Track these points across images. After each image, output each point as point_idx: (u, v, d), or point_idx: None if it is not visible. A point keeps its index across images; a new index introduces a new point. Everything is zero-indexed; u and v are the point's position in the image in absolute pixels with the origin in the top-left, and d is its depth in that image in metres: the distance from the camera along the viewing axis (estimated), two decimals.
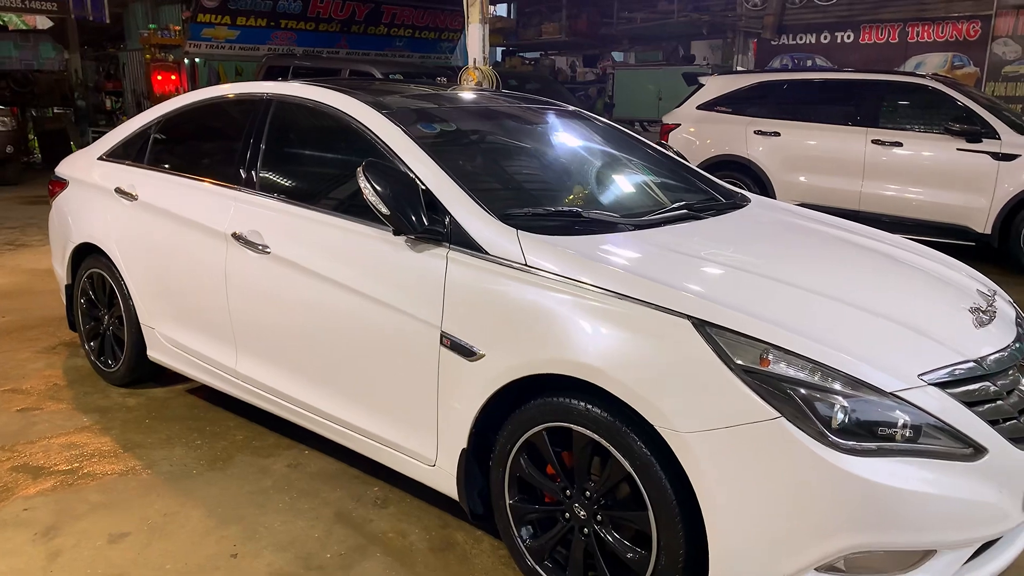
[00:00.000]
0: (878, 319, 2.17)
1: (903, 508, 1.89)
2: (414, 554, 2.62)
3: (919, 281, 2.59)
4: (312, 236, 2.88)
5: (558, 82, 12.50)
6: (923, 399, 1.96)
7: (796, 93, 8.07)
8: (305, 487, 3.03)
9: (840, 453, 1.87)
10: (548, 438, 2.27)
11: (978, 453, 1.98)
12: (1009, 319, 2.45)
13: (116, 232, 3.73)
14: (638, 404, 2.04)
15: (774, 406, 1.90)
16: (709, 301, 2.09)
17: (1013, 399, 2.16)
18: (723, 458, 1.95)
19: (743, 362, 1.96)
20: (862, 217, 7.42)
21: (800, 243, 2.83)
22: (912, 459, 1.92)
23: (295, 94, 3.20)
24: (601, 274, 2.22)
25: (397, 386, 2.62)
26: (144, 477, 3.10)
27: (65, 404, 3.78)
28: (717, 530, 1.97)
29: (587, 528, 2.24)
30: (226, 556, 2.59)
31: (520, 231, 2.41)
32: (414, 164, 2.66)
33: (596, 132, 3.55)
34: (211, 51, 12.91)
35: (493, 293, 2.38)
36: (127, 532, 2.72)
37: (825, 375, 1.94)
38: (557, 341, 2.21)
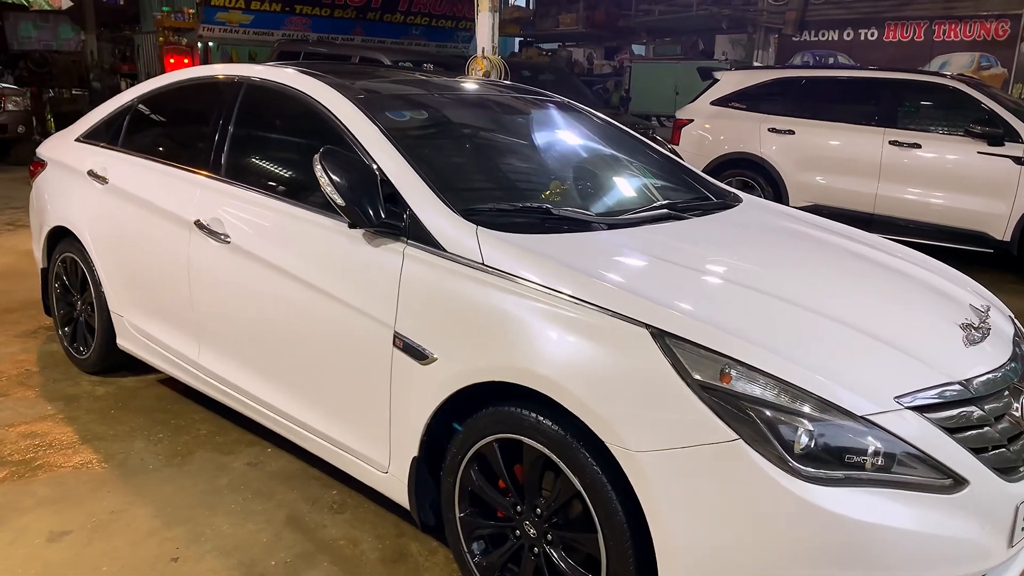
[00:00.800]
0: (857, 334, 2.00)
1: (871, 544, 1.72)
2: (363, 565, 2.48)
3: (909, 293, 2.41)
4: (271, 226, 2.75)
5: (573, 74, 12.30)
6: (898, 424, 1.79)
7: (813, 91, 7.83)
8: (261, 487, 2.91)
9: (802, 481, 1.71)
10: (499, 450, 2.13)
11: (958, 485, 1.81)
12: (1006, 337, 2.27)
13: (87, 216, 3.63)
14: (589, 418, 1.89)
15: (732, 427, 1.74)
16: (670, 310, 1.93)
17: (1003, 425, 1.99)
18: (676, 481, 1.79)
19: (701, 377, 1.80)
20: (877, 220, 7.21)
21: (785, 249, 2.66)
22: (884, 490, 1.75)
23: (265, 77, 3.07)
24: (558, 276, 2.07)
25: (351, 388, 2.49)
26: (98, 471, 2.99)
27: (33, 391, 3.69)
28: (667, 558, 1.82)
29: (537, 547, 2.10)
30: (167, 559, 2.47)
31: (480, 228, 2.26)
32: (376, 153, 2.52)
33: (584, 126, 3.39)
34: (224, 35, 12.83)
35: (448, 293, 2.23)
36: (69, 530, 2.61)
37: (790, 395, 1.77)
38: (509, 347, 2.06)
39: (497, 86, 3.59)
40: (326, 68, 3.19)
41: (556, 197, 2.79)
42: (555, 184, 2.85)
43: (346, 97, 2.73)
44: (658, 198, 2.91)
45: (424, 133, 2.87)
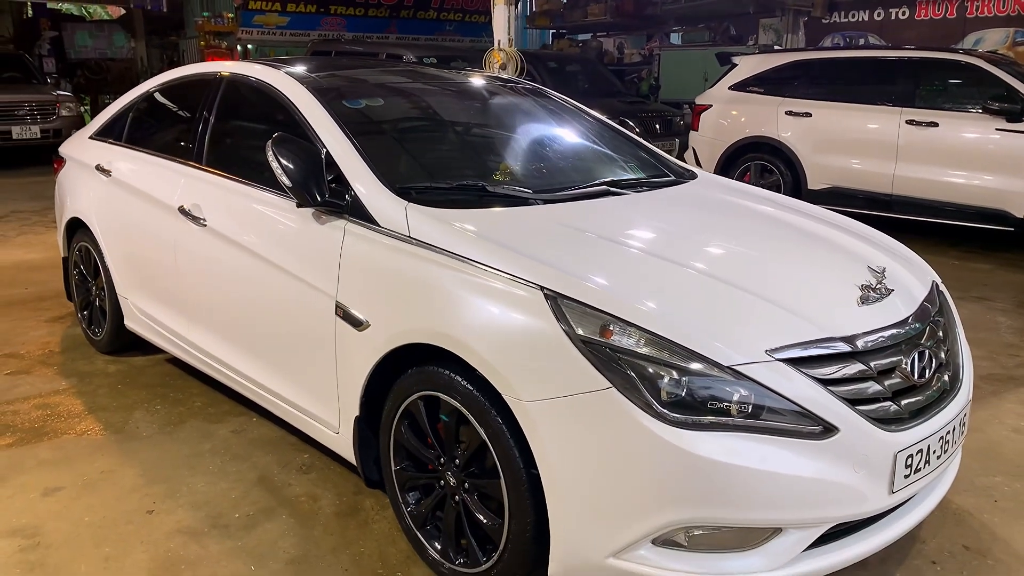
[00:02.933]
0: (744, 294, 2.12)
1: (736, 484, 1.86)
2: (318, 518, 2.70)
3: (818, 257, 2.51)
4: (239, 209, 2.98)
5: (602, 64, 12.37)
6: (766, 375, 1.91)
7: (829, 72, 7.79)
8: (240, 452, 3.15)
9: (667, 425, 1.85)
10: (424, 407, 2.31)
11: (828, 432, 1.93)
12: (911, 298, 2.35)
13: (95, 207, 3.93)
14: (489, 373, 2.06)
15: (606, 377, 1.90)
16: (562, 272, 2.09)
17: (892, 380, 2.09)
18: (559, 428, 1.95)
19: (584, 332, 1.96)
20: (895, 201, 7.16)
21: (707, 218, 2.78)
22: (751, 435, 1.88)
23: (241, 72, 3.31)
24: (470, 245, 2.24)
25: (306, 355, 2.70)
26: (97, 438, 3.28)
27: (52, 369, 4.02)
28: (555, 499, 1.98)
29: (457, 495, 2.28)
30: (142, 512, 2.72)
31: (410, 204, 2.44)
32: (325, 137, 2.73)
33: (545, 110, 3.54)
34: (262, 37, 13.29)
35: (380, 264, 2.43)
36: (62, 487, 2.89)
37: (660, 347, 1.91)
38: (429, 312, 2.25)
39: (470, 76, 3.76)
40: (315, 62, 3.41)
41: (505, 177, 2.96)
42: (504, 165, 3.02)
43: (305, 87, 2.95)
44: (605, 176, 3.04)
45: (377, 118, 3.07)
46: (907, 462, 2.05)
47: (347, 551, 2.52)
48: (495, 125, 3.38)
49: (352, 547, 2.53)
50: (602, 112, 9.99)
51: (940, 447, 2.17)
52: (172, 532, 2.61)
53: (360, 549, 2.52)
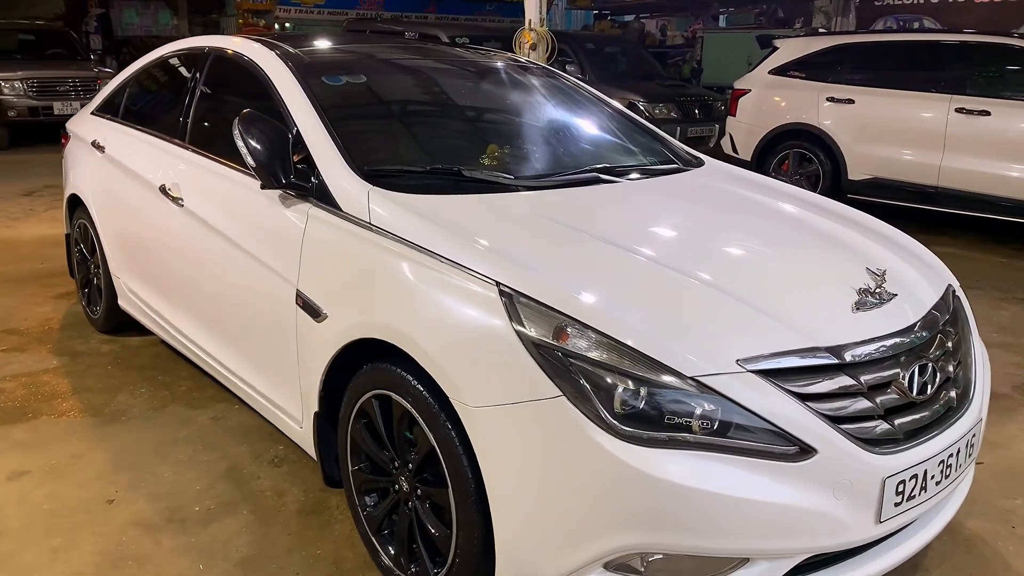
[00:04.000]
0: (721, 295, 1.92)
1: (696, 508, 1.67)
2: (279, 515, 2.58)
3: (815, 258, 2.28)
4: (212, 189, 2.86)
5: (642, 46, 12.02)
6: (735, 387, 1.71)
7: (874, 57, 7.40)
8: (215, 440, 3.05)
9: (619, 440, 1.67)
10: (379, 406, 2.16)
11: (805, 454, 1.73)
12: (917, 305, 2.12)
13: (90, 184, 3.86)
14: (437, 374, 1.90)
15: (557, 384, 1.72)
16: (521, 267, 1.91)
17: (886, 396, 1.87)
18: (506, 437, 1.79)
19: (536, 334, 1.78)
20: (941, 194, 6.79)
21: (702, 211, 2.56)
22: (716, 454, 1.69)
23: (224, 46, 3.18)
24: (426, 233, 2.08)
25: (271, 345, 2.58)
26: (74, 420, 3.21)
27: (47, 346, 3.97)
28: (500, 514, 1.82)
29: (410, 502, 2.13)
30: (102, 501, 2.64)
31: (373, 188, 2.29)
32: (296, 115, 2.59)
33: (546, 91, 3.34)
34: (300, 16, 13.24)
35: (338, 252, 2.28)
36: (29, 471, 2.82)
37: (618, 353, 1.73)
38: (382, 304, 2.10)
39: (471, 54, 3.58)
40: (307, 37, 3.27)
41: (492, 161, 2.78)
42: (492, 148, 2.84)
43: (282, 62, 2.81)
44: (601, 162, 2.85)
45: (357, 97, 2.91)
46: (898, 488, 1.84)
47: (302, 552, 2.39)
48: (488, 106, 3.19)
49: (308, 548, 2.41)
50: (638, 96, 9.74)
51: (940, 472, 1.95)
52: (127, 524, 2.51)
53: (316, 551, 2.40)
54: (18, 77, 10.78)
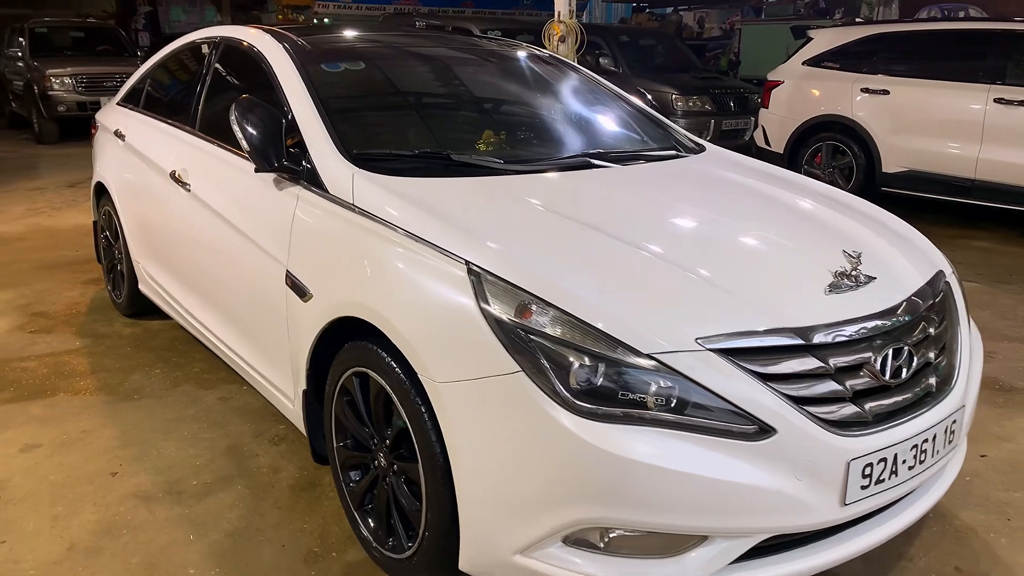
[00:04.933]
0: (690, 276, 1.92)
1: (649, 484, 1.68)
2: (273, 490, 2.65)
3: (794, 239, 2.26)
4: (216, 174, 2.95)
5: (679, 38, 11.91)
6: (693, 366, 1.71)
7: (911, 47, 7.23)
8: (219, 419, 3.14)
9: (574, 415, 1.68)
10: (358, 384, 2.21)
11: (764, 433, 1.72)
12: (897, 288, 2.08)
13: (113, 172, 3.99)
14: (407, 351, 1.94)
15: (516, 359, 1.74)
16: (490, 247, 1.94)
17: (856, 379, 1.86)
18: (469, 412, 1.82)
19: (499, 311, 1.80)
20: (978, 187, 6.61)
21: (689, 195, 2.55)
22: (672, 431, 1.69)
23: (232, 35, 3.26)
24: (404, 214, 2.12)
25: (266, 325, 2.64)
26: (89, 397, 3.33)
27: (72, 329, 4.12)
28: (463, 488, 1.85)
29: (388, 478, 2.17)
30: (106, 474, 2.74)
31: (358, 171, 2.33)
32: (292, 100, 2.65)
33: (547, 78, 3.36)
34: (338, 11, 13.40)
35: (323, 232, 2.33)
36: (40, 444, 2.93)
37: (576, 330, 1.74)
38: (360, 283, 2.14)
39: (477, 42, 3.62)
40: (319, 27, 3.32)
41: (488, 146, 2.81)
42: (488, 134, 2.86)
43: (284, 49, 2.87)
44: (596, 148, 2.86)
45: (354, 83, 2.96)
46: (864, 472, 1.82)
47: (290, 526, 2.45)
48: (484, 93, 3.22)
49: (296, 523, 2.47)
50: (671, 88, 9.66)
51: (914, 457, 1.92)
52: (127, 495, 2.60)
53: (303, 525, 2.46)
54: (67, 73, 11.13)
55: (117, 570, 2.24)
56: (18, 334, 4.03)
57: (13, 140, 11.69)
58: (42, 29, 12.26)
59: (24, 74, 11.65)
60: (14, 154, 10.44)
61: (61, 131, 11.20)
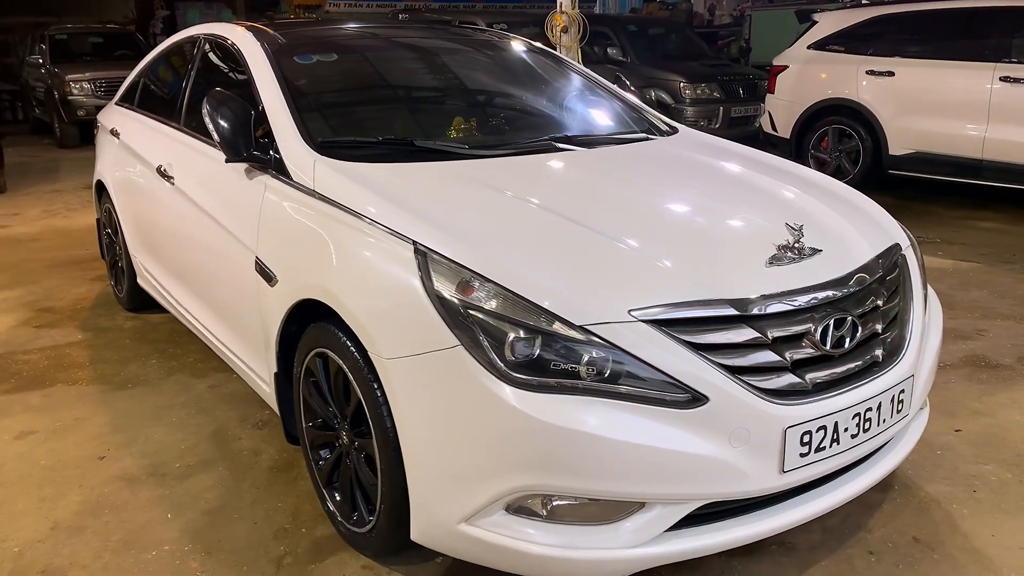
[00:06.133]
0: (629, 249, 1.97)
1: (583, 452, 1.73)
2: (252, 471, 2.73)
3: (741, 212, 2.28)
4: (196, 166, 3.03)
5: (689, 26, 11.86)
6: (625, 336, 1.76)
7: (915, 27, 7.15)
8: (208, 406, 3.23)
9: (509, 386, 1.73)
10: (321, 364, 2.28)
11: (696, 401, 1.76)
12: (845, 259, 2.10)
13: (110, 169, 4.11)
14: (358, 329, 2.00)
15: (456, 334, 1.80)
16: (437, 228, 2.00)
17: (798, 349, 1.89)
18: (413, 387, 1.88)
19: (442, 287, 1.86)
20: (986, 167, 6.53)
21: (647, 175, 2.58)
22: (605, 400, 1.74)
23: (213, 32, 3.35)
24: (358, 198, 2.18)
25: (241, 311, 2.72)
26: (85, 388, 3.44)
27: (76, 323, 4.25)
28: (410, 461, 1.91)
29: (350, 454, 2.24)
30: (94, 458, 2.84)
31: (319, 157, 2.40)
32: (263, 92, 2.72)
33: (522, 65, 3.41)
34: (350, 9, 13.53)
35: (287, 218, 2.40)
36: (35, 431, 3.04)
37: (512, 303, 1.80)
38: (317, 265, 2.21)
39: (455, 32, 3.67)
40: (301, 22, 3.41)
41: (457, 132, 2.87)
42: (457, 120, 2.92)
43: (258, 43, 2.95)
44: (565, 131, 2.91)
45: (325, 74, 3.03)
46: (803, 439, 1.85)
47: (265, 505, 2.53)
48: (457, 80, 3.27)
49: (271, 502, 2.55)
50: (679, 76, 9.64)
51: (857, 425, 1.95)
52: (112, 478, 2.70)
53: (278, 504, 2.53)
54: (86, 78, 11.35)
55: (97, 547, 2.34)
56: (24, 329, 4.16)
57: (36, 145, 11.95)
58: (62, 36, 12.50)
59: (45, 80, 11.90)
60: (36, 158, 10.68)
61: (81, 135, 11.42)
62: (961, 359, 3.54)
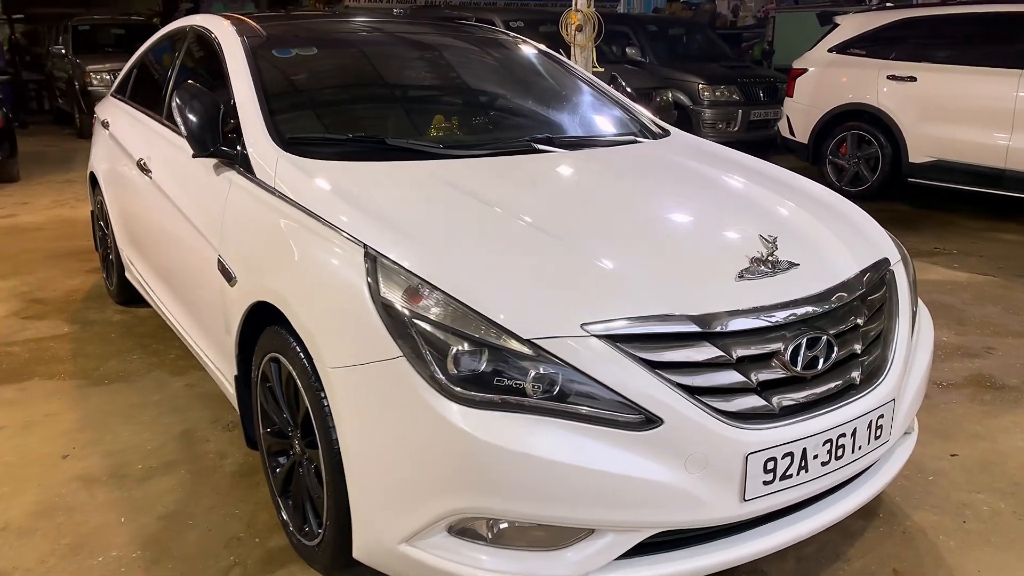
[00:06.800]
0: (587, 261, 1.86)
1: (525, 474, 1.62)
2: (214, 476, 2.65)
3: (718, 225, 2.16)
4: (170, 161, 2.97)
5: (710, 28, 11.66)
6: (575, 352, 1.65)
7: (940, 31, 6.94)
8: (181, 405, 3.17)
9: (449, 401, 1.64)
10: (275, 369, 2.19)
11: (650, 423, 1.65)
12: (824, 275, 1.98)
13: (100, 161, 4.07)
14: (304, 334, 1.91)
15: (399, 344, 1.70)
16: (390, 231, 1.90)
17: (765, 370, 1.77)
18: (356, 397, 1.79)
19: (388, 295, 1.76)
20: (1008, 177, 6.32)
21: (627, 180, 2.47)
22: (552, 419, 1.64)
23: (198, 24, 3.28)
24: (314, 197, 2.10)
25: (208, 311, 2.65)
26: (62, 382, 3.39)
27: (64, 315, 4.21)
28: (351, 475, 1.82)
29: (302, 464, 2.15)
30: (58, 456, 2.78)
31: (282, 154, 2.32)
32: (236, 86, 2.65)
33: (508, 62, 3.30)
34: (370, 4, 13.49)
35: (247, 216, 2.33)
36: (4, 426, 2.99)
37: (460, 315, 1.69)
38: (272, 266, 2.13)
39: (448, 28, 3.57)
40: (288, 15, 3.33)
41: (437, 131, 2.78)
42: (438, 119, 2.83)
43: (237, 36, 2.88)
44: (548, 132, 2.80)
45: (303, 70, 2.94)
46: (767, 466, 1.73)
47: (222, 511, 2.45)
48: (442, 77, 3.18)
49: (228, 508, 2.47)
50: (698, 78, 9.48)
51: (828, 452, 1.83)
52: (72, 478, 2.64)
53: (235, 511, 2.46)
54: (106, 69, 11.38)
55: (44, 551, 2.27)
56: (12, 320, 4.13)
57: (57, 135, 12.04)
58: (84, 27, 12.59)
59: (67, 70, 11.99)
60: (55, 148, 10.75)
61: None
62: (965, 378, 3.39)
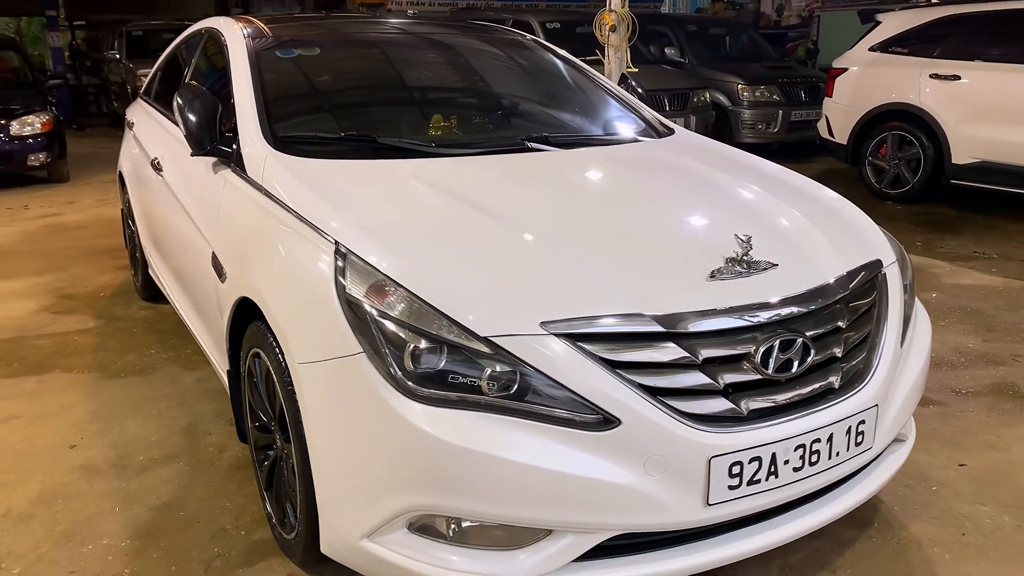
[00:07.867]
0: (553, 260, 1.85)
1: (479, 472, 1.62)
2: (211, 468, 2.70)
3: (701, 225, 2.12)
4: (178, 159, 3.03)
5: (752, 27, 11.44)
6: (532, 350, 1.64)
7: (985, 28, 6.70)
8: (190, 399, 3.23)
9: (405, 398, 1.64)
10: (258, 365, 2.22)
11: (607, 424, 1.63)
12: (806, 276, 1.92)
13: (125, 160, 4.18)
14: (276, 329, 1.94)
15: (359, 340, 1.71)
16: (362, 228, 1.92)
17: (736, 372, 1.73)
18: (320, 393, 1.80)
19: (353, 291, 1.77)
20: None
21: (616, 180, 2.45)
22: (507, 418, 1.63)
23: (211, 25, 3.35)
24: (295, 194, 2.13)
25: (208, 306, 2.70)
26: (80, 375, 3.49)
27: (92, 310, 4.33)
28: (317, 470, 1.83)
29: (282, 459, 2.18)
30: (65, 446, 2.86)
31: (271, 151, 2.35)
32: (235, 85, 2.70)
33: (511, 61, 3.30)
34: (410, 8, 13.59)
35: (237, 213, 2.37)
36: (19, 416, 3.09)
37: (419, 311, 1.69)
38: (253, 262, 2.15)
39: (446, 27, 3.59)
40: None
41: (436, 130, 2.79)
42: (437, 118, 2.83)
43: (243, 37, 2.93)
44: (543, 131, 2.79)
45: (304, 70, 2.97)
46: (732, 471, 1.69)
47: (213, 503, 2.50)
48: (444, 76, 3.18)
49: (220, 501, 2.51)
50: (738, 78, 9.33)
51: (800, 458, 1.78)
52: (75, 468, 2.71)
53: (226, 504, 2.50)
54: None
55: (39, 536, 2.34)
56: (42, 314, 4.27)
57: (112, 137, 12.34)
58: (137, 32, 12.96)
59: (120, 74, 12.35)
60: (107, 149, 11.06)
61: None
62: (987, 386, 3.27)
